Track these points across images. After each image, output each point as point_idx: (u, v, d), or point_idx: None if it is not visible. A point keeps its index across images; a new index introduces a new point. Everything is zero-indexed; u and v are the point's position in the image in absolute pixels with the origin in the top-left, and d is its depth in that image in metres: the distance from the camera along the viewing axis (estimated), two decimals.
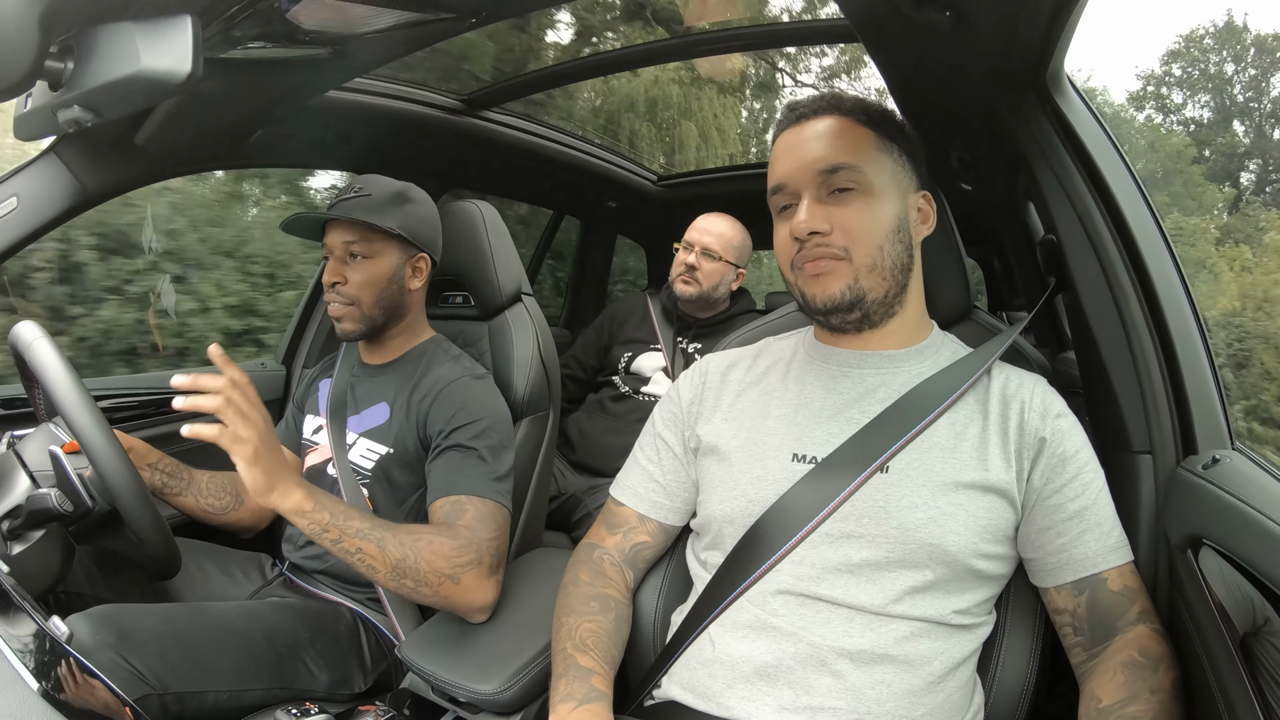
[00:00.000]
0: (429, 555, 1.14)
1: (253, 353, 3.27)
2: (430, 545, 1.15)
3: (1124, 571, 0.94)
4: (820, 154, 0.98)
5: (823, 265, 0.98)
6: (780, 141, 1.03)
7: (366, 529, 1.12)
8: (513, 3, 1.31)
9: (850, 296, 0.98)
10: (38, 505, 1.07)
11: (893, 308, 1.02)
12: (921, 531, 0.92)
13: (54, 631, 0.87)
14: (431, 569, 1.14)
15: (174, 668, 1.10)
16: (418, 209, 1.46)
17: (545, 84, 2.43)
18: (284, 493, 1.07)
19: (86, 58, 0.87)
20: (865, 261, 0.97)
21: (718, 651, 0.97)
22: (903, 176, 1.02)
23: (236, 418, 1.02)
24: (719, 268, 2.35)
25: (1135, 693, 0.86)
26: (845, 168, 0.97)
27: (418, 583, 1.14)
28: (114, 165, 1.50)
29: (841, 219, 0.97)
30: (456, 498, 1.26)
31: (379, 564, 1.12)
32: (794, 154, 1.00)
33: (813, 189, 0.98)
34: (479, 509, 1.25)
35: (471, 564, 1.18)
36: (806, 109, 1.02)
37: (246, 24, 1.08)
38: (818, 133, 1.00)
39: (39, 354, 1.12)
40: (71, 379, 1.10)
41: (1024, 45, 0.95)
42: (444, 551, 1.16)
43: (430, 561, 1.14)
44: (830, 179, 0.97)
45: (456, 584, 1.17)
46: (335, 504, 1.12)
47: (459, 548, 1.17)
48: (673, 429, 1.15)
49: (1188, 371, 1.00)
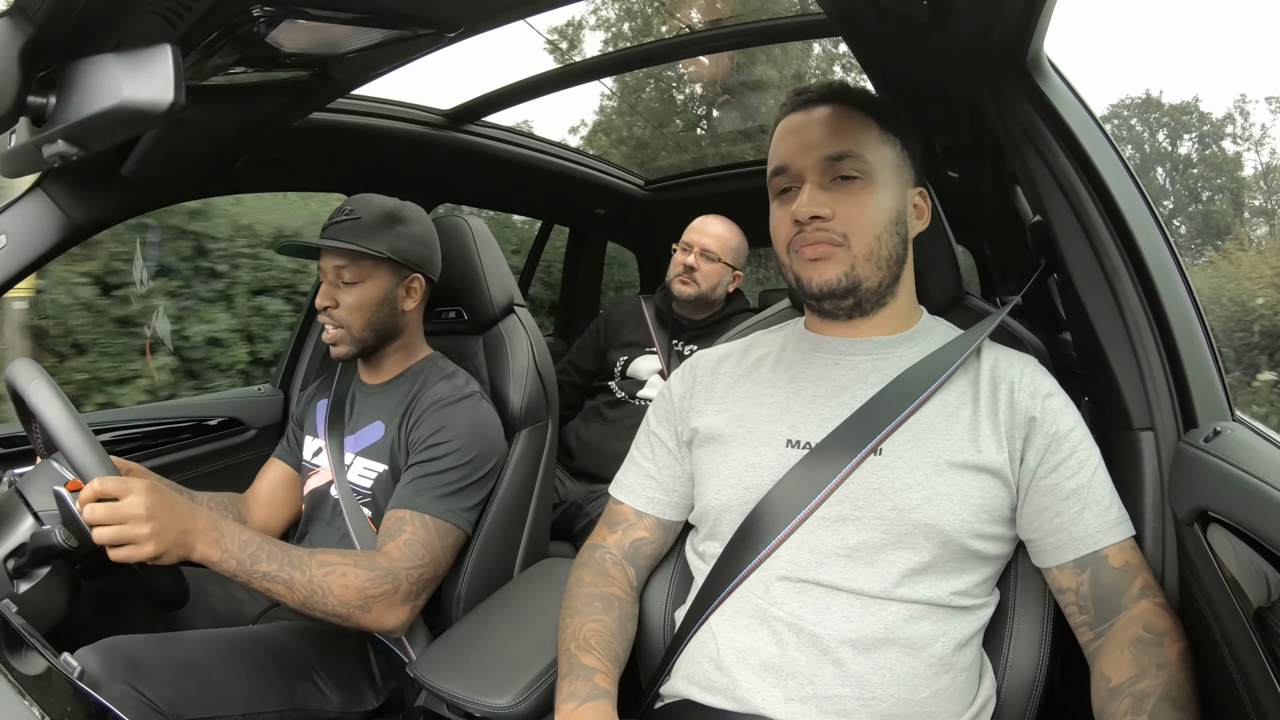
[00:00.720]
0: (339, 590, 1.18)
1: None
2: (342, 579, 1.19)
3: (1124, 547, 0.95)
4: (826, 140, 0.99)
5: (821, 250, 0.98)
6: (784, 124, 1.04)
7: (273, 571, 1.15)
8: (489, 18, 1.31)
9: (846, 283, 0.99)
10: (42, 543, 1.06)
11: (884, 297, 1.03)
12: (916, 512, 0.92)
13: (65, 669, 0.86)
14: (340, 601, 1.18)
15: (185, 695, 1.10)
16: (409, 229, 1.45)
17: (526, 94, 2.43)
18: (191, 550, 1.10)
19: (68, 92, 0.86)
20: (863, 250, 0.98)
21: (721, 644, 0.97)
22: (903, 170, 1.03)
23: (113, 535, 1.03)
24: (717, 269, 2.36)
25: (1144, 669, 0.86)
26: (850, 155, 0.98)
27: (327, 614, 1.19)
28: (101, 198, 1.50)
29: (843, 206, 0.98)
30: (402, 513, 1.29)
31: (288, 600, 1.17)
32: (799, 138, 1.01)
33: (816, 174, 0.99)
34: (418, 529, 1.28)
35: (385, 594, 1.22)
36: (813, 95, 1.03)
37: (226, 50, 1.08)
38: (823, 119, 1.00)
39: (36, 393, 1.12)
40: (70, 416, 1.10)
41: (1003, 30, 0.95)
42: (356, 584, 1.19)
43: (340, 595, 1.18)
44: (835, 165, 0.98)
45: (366, 613, 1.21)
46: (244, 548, 1.14)
47: (374, 579, 1.21)
48: (666, 424, 1.16)
49: (1184, 345, 1.00)
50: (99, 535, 1.01)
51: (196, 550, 1.10)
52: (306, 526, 1.50)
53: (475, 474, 1.36)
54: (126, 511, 1.02)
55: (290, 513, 1.59)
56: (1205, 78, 22.41)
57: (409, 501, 1.30)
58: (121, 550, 1.03)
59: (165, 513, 1.06)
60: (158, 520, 1.04)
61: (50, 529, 1.07)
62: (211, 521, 1.12)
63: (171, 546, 1.06)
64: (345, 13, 1.08)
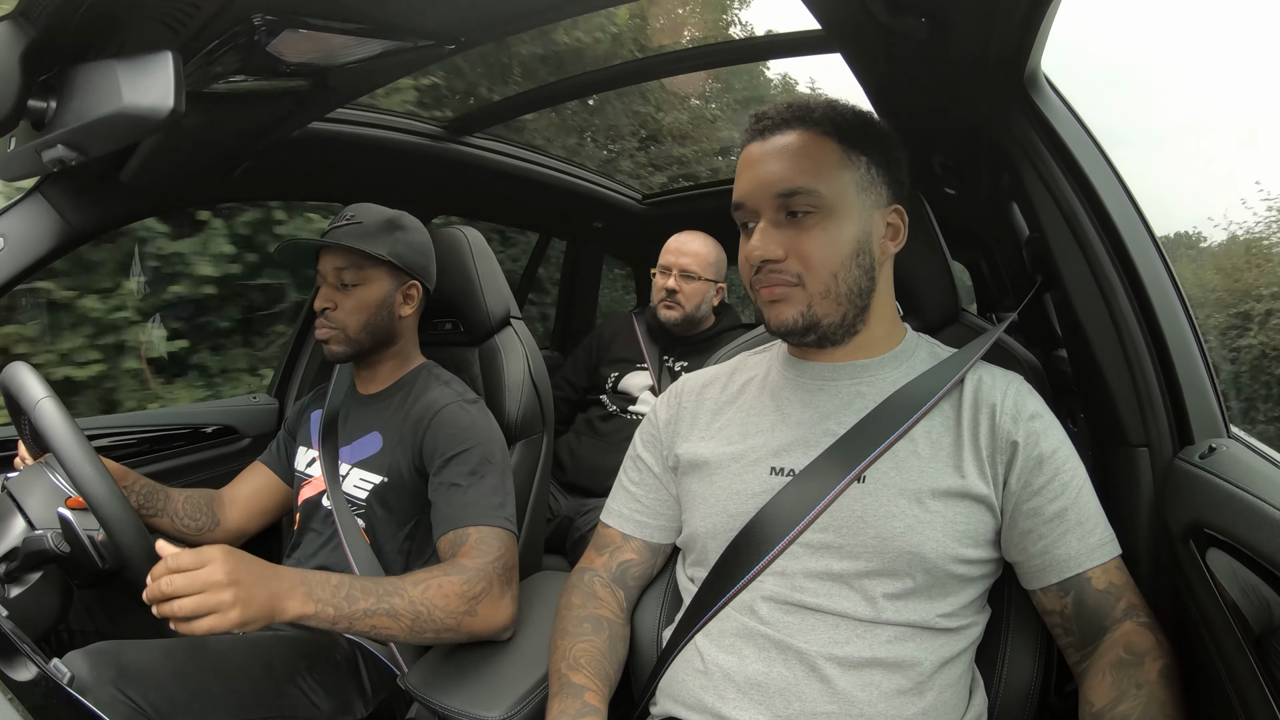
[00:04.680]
0: (441, 601, 1.14)
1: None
2: (440, 589, 1.15)
3: (1108, 569, 0.94)
4: (778, 175, 0.95)
5: (777, 292, 0.96)
6: (744, 155, 1.00)
7: (373, 606, 1.09)
8: (490, 29, 1.32)
9: (803, 323, 0.96)
10: (35, 547, 1.05)
11: (854, 328, 1.01)
12: (899, 540, 0.92)
13: (55, 674, 0.85)
14: (447, 613, 1.14)
15: (173, 700, 1.09)
16: (409, 236, 1.46)
17: (526, 108, 2.45)
18: (282, 612, 1.02)
19: (69, 96, 0.87)
20: (819, 289, 0.95)
21: (707, 663, 0.97)
22: (870, 192, 0.98)
23: (195, 605, 0.94)
24: (700, 287, 2.36)
25: (1123, 691, 0.86)
26: (802, 191, 0.94)
27: (439, 630, 1.14)
28: (100, 203, 1.50)
29: (797, 245, 0.95)
30: (458, 530, 1.27)
31: (396, 631, 1.11)
32: (753, 172, 0.97)
33: (770, 211, 0.96)
34: (479, 535, 1.25)
35: (483, 592, 1.19)
36: (771, 121, 0.99)
37: (227, 58, 1.09)
38: (778, 149, 0.96)
39: (57, 436, 1.08)
40: (81, 447, 1.06)
41: (1000, 48, 0.96)
42: (455, 590, 1.16)
43: (444, 605, 1.14)
44: (787, 201, 0.95)
45: (475, 616, 1.17)
46: (336, 593, 1.07)
47: (468, 580, 1.18)
48: (651, 450, 1.16)
49: (1179, 362, 1.01)
50: (180, 607, 0.93)
51: (289, 611, 1.02)
52: (299, 537, 1.49)
53: (506, 478, 1.36)
54: (207, 579, 0.95)
55: (266, 519, 1.59)
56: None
57: (459, 519, 1.28)
58: (204, 622, 0.94)
59: (246, 574, 0.99)
60: (241, 584, 0.97)
61: (43, 534, 1.06)
62: (298, 576, 1.06)
63: (259, 609, 0.99)
64: (346, 24, 1.09)
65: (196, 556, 0.96)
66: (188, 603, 0.93)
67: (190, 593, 0.94)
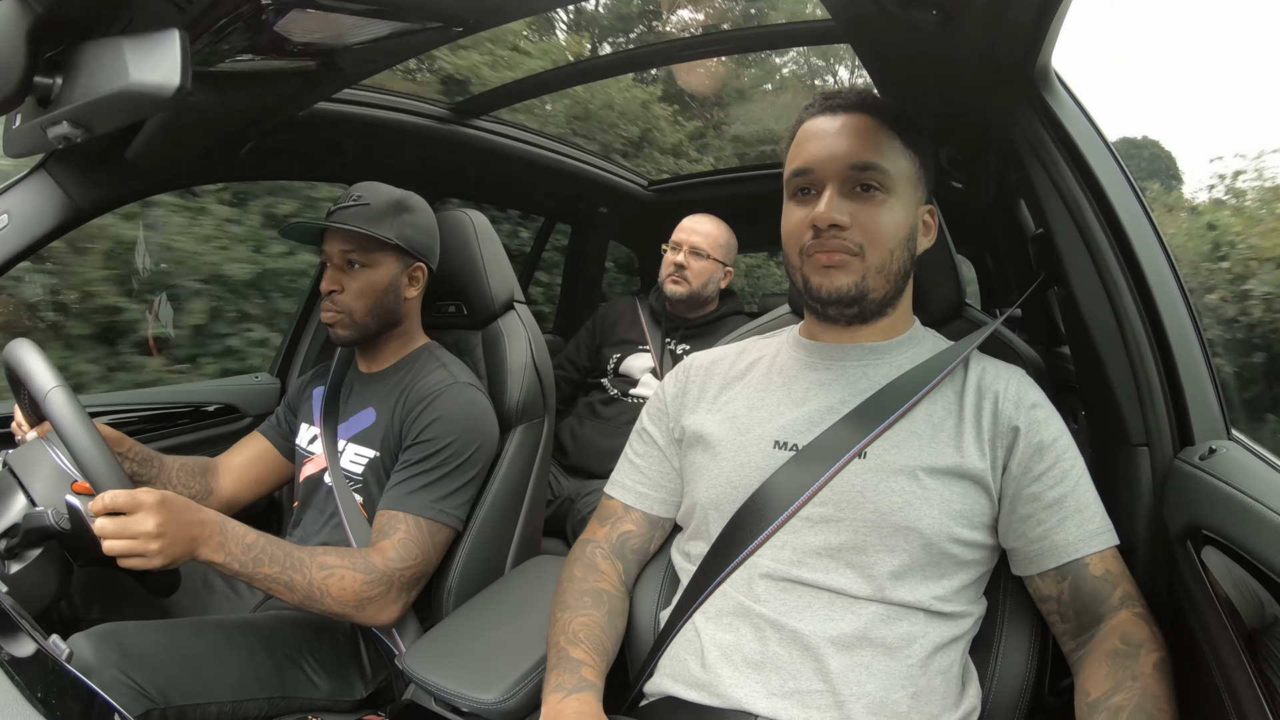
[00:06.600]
0: (336, 592, 1.22)
1: None
2: (340, 582, 1.23)
3: (1105, 556, 0.95)
4: (853, 148, 0.99)
5: (837, 258, 0.99)
6: (810, 126, 1.04)
7: (274, 574, 1.19)
8: (499, 11, 1.31)
9: (855, 293, 1.00)
10: (35, 524, 1.06)
11: (886, 308, 1.05)
12: (897, 515, 0.94)
13: (53, 650, 0.86)
14: (337, 601, 1.23)
15: (175, 681, 1.11)
16: (415, 218, 1.46)
17: (533, 91, 2.43)
18: (197, 555, 1.14)
19: (75, 73, 0.86)
20: (876, 262, 0.99)
21: (704, 642, 0.99)
22: (918, 186, 1.04)
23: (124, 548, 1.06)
24: (708, 266, 2.39)
25: (1119, 682, 0.87)
26: (874, 167, 0.98)
27: (324, 611, 1.24)
28: (105, 180, 1.50)
29: (862, 216, 0.98)
30: (394, 513, 1.31)
31: (288, 598, 1.22)
32: (825, 142, 1.01)
33: (838, 181, 0.99)
34: (410, 529, 1.30)
35: (379, 596, 1.26)
36: (843, 101, 1.03)
37: (235, 37, 1.08)
38: (851, 126, 1.00)
39: (52, 402, 1.11)
40: (83, 425, 1.10)
41: (1011, 41, 0.95)
42: (353, 587, 1.23)
43: (338, 597, 1.23)
44: (858, 175, 0.98)
45: (361, 612, 1.26)
46: (247, 551, 1.18)
47: (369, 582, 1.25)
48: (658, 423, 1.18)
49: (1182, 363, 1.01)
50: (109, 547, 1.05)
51: (201, 554, 1.14)
52: (301, 513, 1.50)
53: (468, 471, 1.36)
54: (136, 528, 1.05)
55: (259, 490, 1.60)
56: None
57: (401, 502, 1.31)
58: (130, 561, 1.07)
59: (173, 525, 1.08)
60: (166, 535, 1.07)
61: (43, 510, 1.06)
62: (217, 525, 1.16)
63: (179, 556, 1.10)
64: (354, 4, 1.08)
65: (131, 499, 1.07)
66: (117, 545, 1.05)
67: (120, 537, 1.06)
